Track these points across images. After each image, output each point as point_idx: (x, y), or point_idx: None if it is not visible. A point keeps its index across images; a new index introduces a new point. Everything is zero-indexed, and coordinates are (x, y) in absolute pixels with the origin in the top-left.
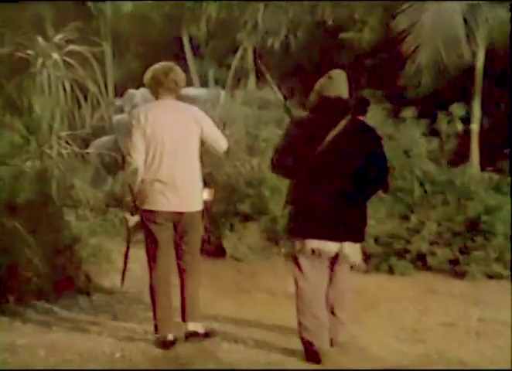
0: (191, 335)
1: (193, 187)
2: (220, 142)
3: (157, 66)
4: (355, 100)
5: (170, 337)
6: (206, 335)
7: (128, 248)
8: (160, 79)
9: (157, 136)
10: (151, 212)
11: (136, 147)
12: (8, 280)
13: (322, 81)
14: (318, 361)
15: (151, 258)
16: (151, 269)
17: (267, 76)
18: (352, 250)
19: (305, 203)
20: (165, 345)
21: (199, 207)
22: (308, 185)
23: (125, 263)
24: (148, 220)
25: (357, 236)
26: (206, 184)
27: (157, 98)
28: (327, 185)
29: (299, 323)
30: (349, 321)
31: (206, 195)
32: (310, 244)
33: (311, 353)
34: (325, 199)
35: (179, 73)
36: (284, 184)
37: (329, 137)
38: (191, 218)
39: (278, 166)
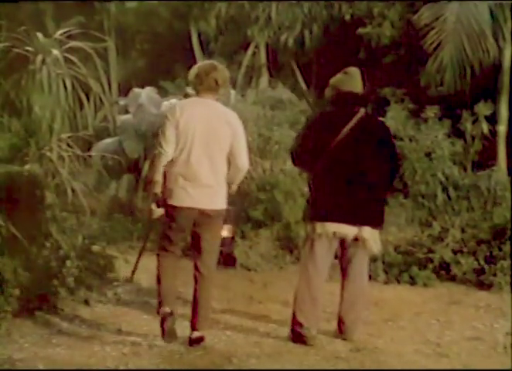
0: (195, 341)
1: (217, 186)
2: (243, 159)
3: (201, 63)
4: (369, 94)
5: (167, 309)
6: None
7: (145, 242)
8: (201, 77)
9: (188, 131)
10: (174, 207)
11: (169, 139)
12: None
13: (338, 76)
14: (304, 342)
15: (164, 246)
16: (160, 259)
17: (300, 80)
18: (370, 235)
19: (325, 190)
20: (163, 318)
21: (221, 206)
22: (328, 173)
23: (140, 254)
24: (170, 214)
25: (375, 221)
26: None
27: (199, 96)
28: (345, 173)
29: (296, 304)
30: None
31: (226, 231)
32: (331, 227)
33: (298, 335)
34: (344, 186)
35: (221, 72)
36: (297, 188)
37: (347, 128)
38: (212, 215)
39: (298, 158)
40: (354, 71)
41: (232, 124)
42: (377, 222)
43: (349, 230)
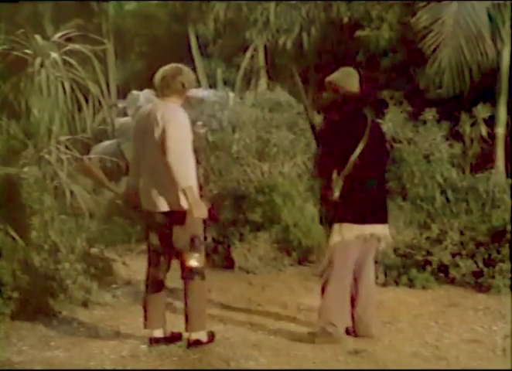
0: (193, 344)
1: (160, 187)
2: (170, 154)
3: (167, 67)
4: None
5: (156, 333)
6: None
7: None
8: (167, 80)
9: (134, 136)
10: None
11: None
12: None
13: (340, 77)
14: (333, 342)
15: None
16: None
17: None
18: (388, 231)
19: (358, 193)
20: (150, 341)
21: (170, 208)
22: (359, 177)
23: None
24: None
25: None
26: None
27: (162, 99)
28: (373, 175)
29: (328, 306)
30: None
31: (194, 261)
32: (367, 229)
33: (328, 334)
34: (373, 187)
35: (187, 75)
36: (296, 191)
37: (366, 134)
38: (168, 217)
39: (323, 170)
40: (354, 71)
41: (162, 119)
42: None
43: (379, 229)
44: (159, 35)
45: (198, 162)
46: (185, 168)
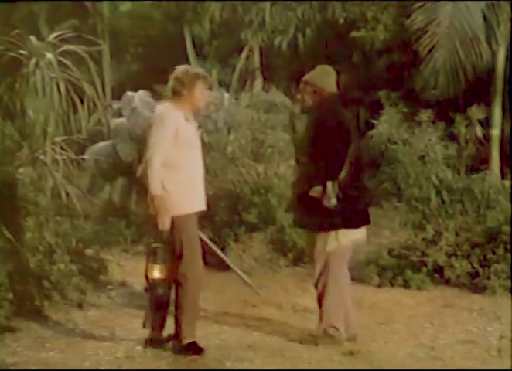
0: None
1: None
2: (146, 154)
3: (179, 68)
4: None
5: (152, 334)
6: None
7: None
8: (171, 82)
9: None
10: None
11: None
12: None
13: (316, 77)
14: (335, 343)
15: None
16: None
17: None
18: (365, 231)
19: (351, 198)
20: (145, 342)
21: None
22: (349, 181)
23: None
24: None
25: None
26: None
27: (171, 102)
28: (361, 178)
29: (329, 310)
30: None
31: (156, 272)
32: (360, 232)
33: (330, 337)
34: (363, 191)
35: (190, 76)
36: (290, 190)
37: (354, 136)
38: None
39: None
40: (331, 69)
41: (151, 121)
42: None
43: (364, 231)
44: (154, 36)
45: None
46: (156, 175)
